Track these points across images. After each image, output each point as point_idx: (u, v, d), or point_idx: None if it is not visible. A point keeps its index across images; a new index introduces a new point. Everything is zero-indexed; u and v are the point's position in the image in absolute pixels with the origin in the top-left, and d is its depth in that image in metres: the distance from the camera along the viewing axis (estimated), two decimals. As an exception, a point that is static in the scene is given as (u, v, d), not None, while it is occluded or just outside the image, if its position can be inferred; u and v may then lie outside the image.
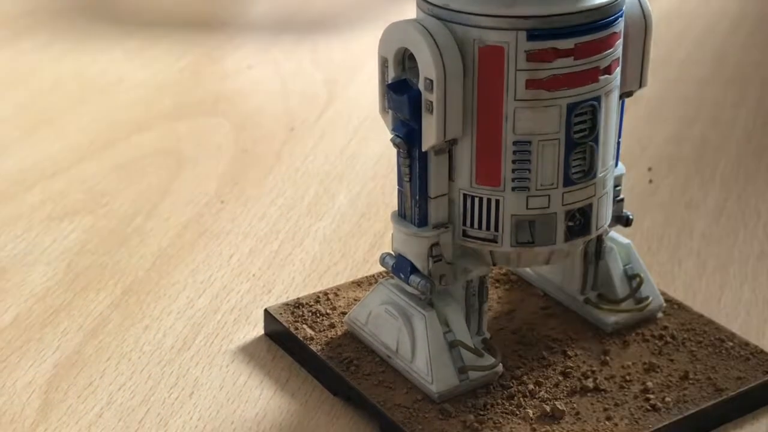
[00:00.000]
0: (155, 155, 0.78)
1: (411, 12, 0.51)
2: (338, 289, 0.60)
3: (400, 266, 0.52)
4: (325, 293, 0.60)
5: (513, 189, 0.50)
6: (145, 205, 0.72)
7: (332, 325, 0.57)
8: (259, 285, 0.63)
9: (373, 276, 0.62)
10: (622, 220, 0.56)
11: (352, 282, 0.61)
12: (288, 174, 0.76)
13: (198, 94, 0.89)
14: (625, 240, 0.58)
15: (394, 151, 0.51)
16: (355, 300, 0.59)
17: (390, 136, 0.51)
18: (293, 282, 0.64)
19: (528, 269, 0.60)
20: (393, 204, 0.70)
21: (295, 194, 0.74)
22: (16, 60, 0.95)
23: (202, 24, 1.03)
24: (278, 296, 0.62)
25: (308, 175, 0.76)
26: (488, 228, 0.51)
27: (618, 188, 0.55)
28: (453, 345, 0.52)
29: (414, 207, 0.51)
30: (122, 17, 1.04)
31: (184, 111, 0.86)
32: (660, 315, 0.58)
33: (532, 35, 0.47)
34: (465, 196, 0.51)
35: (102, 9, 1.07)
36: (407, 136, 0.50)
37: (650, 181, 0.75)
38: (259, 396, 0.54)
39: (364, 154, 0.79)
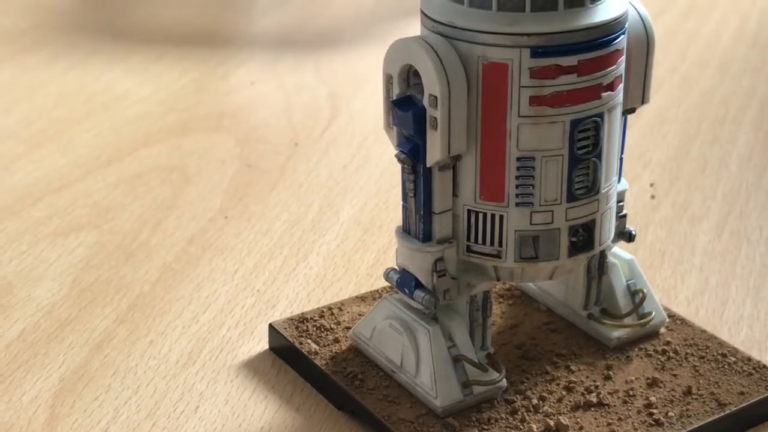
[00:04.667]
0: (160, 170, 0.79)
1: (414, 29, 0.52)
2: (342, 304, 0.61)
3: (404, 281, 0.53)
4: (330, 308, 0.60)
5: (517, 205, 0.50)
6: (149, 221, 0.72)
7: (336, 340, 0.58)
8: (263, 300, 0.64)
9: (377, 291, 0.62)
10: (625, 235, 0.57)
11: (356, 297, 0.61)
12: (292, 189, 0.76)
13: (202, 110, 0.89)
14: (628, 255, 0.58)
15: (398, 166, 0.51)
16: (360, 315, 0.59)
17: (394, 151, 0.51)
18: (297, 297, 0.64)
19: (531, 284, 0.61)
20: (396, 219, 0.71)
21: (299, 209, 0.74)
22: (21, 75, 0.95)
23: (205, 40, 1.04)
24: (282, 311, 0.63)
25: (312, 190, 0.76)
26: (492, 243, 0.51)
27: (621, 204, 0.56)
28: (457, 360, 0.52)
29: (418, 222, 0.51)
30: (126, 33, 1.05)
31: (188, 126, 0.86)
32: (663, 330, 0.58)
33: (536, 52, 0.47)
34: (469, 211, 0.51)
35: (105, 25, 1.07)
36: (412, 151, 0.50)
37: (652, 197, 0.75)
38: (264, 410, 0.55)
39: (368, 169, 0.80)
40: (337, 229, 0.72)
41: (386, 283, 0.61)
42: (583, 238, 0.51)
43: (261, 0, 1.15)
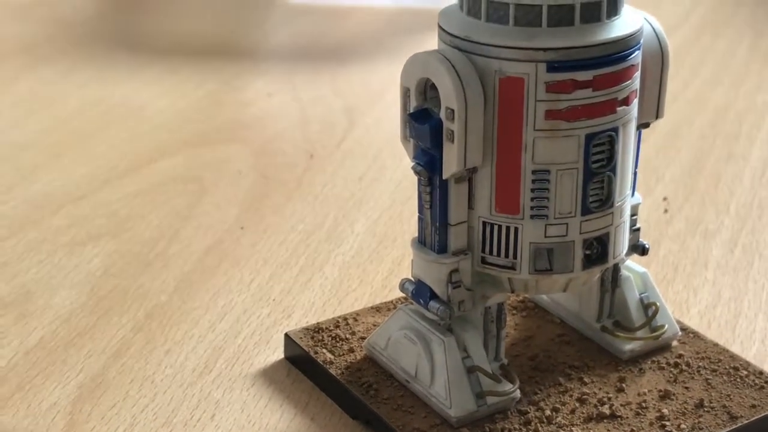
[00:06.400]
0: (177, 181, 0.80)
1: (429, 43, 0.52)
2: (357, 314, 0.61)
3: (419, 292, 0.53)
4: (345, 318, 0.61)
5: (531, 217, 0.51)
6: (167, 231, 0.73)
7: (351, 350, 0.58)
8: (279, 309, 0.64)
9: (392, 302, 0.62)
10: (638, 249, 0.57)
11: (371, 307, 0.62)
12: (308, 200, 0.77)
13: (219, 122, 0.90)
14: (641, 269, 0.58)
15: (413, 178, 0.52)
16: (374, 325, 0.60)
17: (409, 164, 0.52)
18: (313, 307, 0.65)
19: (545, 297, 0.61)
20: (411, 231, 0.72)
21: (314, 220, 0.75)
22: (39, 87, 0.96)
23: (222, 52, 1.05)
24: (298, 321, 0.63)
25: (327, 201, 0.77)
26: (507, 255, 0.52)
27: (634, 217, 0.56)
28: (471, 370, 0.53)
29: (434, 234, 0.52)
30: (143, 45, 1.06)
31: (205, 138, 0.87)
32: (675, 343, 0.58)
33: (552, 67, 0.48)
34: (484, 223, 0.52)
35: (123, 37, 1.08)
36: (428, 164, 0.51)
37: (665, 211, 0.76)
38: (279, 419, 0.55)
39: (383, 181, 0.80)
40: (352, 241, 0.72)
41: (401, 294, 0.61)
42: (597, 250, 0.52)
43: (277, 13, 1.16)
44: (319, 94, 0.95)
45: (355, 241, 0.72)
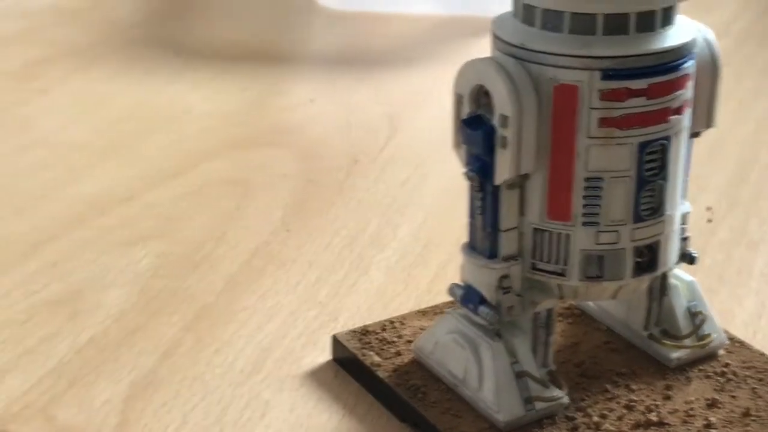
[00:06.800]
0: (223, 184, 0.80)
1: (472, 50, 0.53)
2: (404, 318, 0.62)
3: (469, 296, 0.54)
4: (391, 321, 0.61)
5: (583, 224, 0.51)
6: (214, 233, 0.73)
7: (399, 353, 0.59)
8: (325, 312, 0.65)
9: (438, 306, 0.63)
10: (686, 257, 0.57)
11: (418, 311, 0.62)
12: (351, 205, 0.78)
13: (263, 125, 0.91)
14: (689, 277, 0.59)
15: (456, 184, 0.52)
16: (421, 329, 0.60)
17: (452, 170, 0.52)
18: (359, 310, 0.65)
19: (591, 303, 0.61)
20: (455, 236, 0.72)
21: (358, 225, 0.75)
22: (88, 89, 0.98)
23: (267, 57, 1.05)
24: (344, 324, 0.64)
25: (371, 206, 0.78)
26: (557, 262, 0.52)
27: (684, 226, 0.56)
28: (520, 375, 0.53)
29: (485, 239, 0.52)
30: (189, 49, 1.07)
31: (250, 141, 0.88)
32: (722, 352, 0.59)
33: (607, 75, 0.48)
34: (535, 230, 0.52)
35: (168, 41, 1.09)
36: (480, 170, 0.51)
37: (709, 221, 0.76)
38: (327, 420, 0.56)
39: (425, 187, 0.81)
40: (395, 245, 0.73)
41: (446, 299, 0.61)
42: (648, 258, 0.52)
43: (319, 19, 1.17)
44: (361, 100, 0.96)
45: (399, 246, 0.73)
